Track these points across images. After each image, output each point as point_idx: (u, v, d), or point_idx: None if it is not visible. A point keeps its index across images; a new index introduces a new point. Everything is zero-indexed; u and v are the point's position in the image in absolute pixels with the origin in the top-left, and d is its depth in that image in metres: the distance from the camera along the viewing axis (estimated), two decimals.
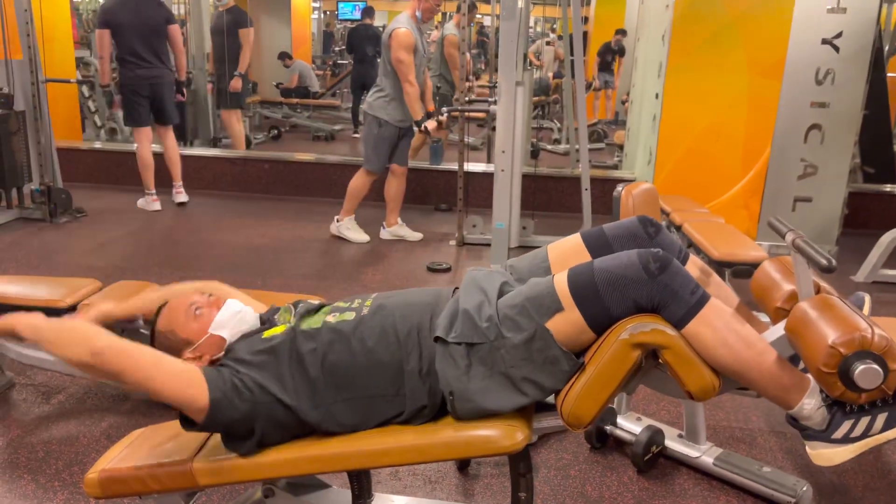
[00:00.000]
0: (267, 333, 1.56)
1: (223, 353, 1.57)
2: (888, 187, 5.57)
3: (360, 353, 1.44)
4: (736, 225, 3.86)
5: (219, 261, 4.27)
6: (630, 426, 2.38)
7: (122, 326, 2.13)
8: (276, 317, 1.65)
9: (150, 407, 2.58)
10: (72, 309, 2.46)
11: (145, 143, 5.22)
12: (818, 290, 1.42)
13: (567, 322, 1.34)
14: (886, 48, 6.09)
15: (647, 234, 1.53)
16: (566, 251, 1.56)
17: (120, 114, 6.25)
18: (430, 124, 4.44)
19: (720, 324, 1.29)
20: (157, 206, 5.32)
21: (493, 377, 1.38)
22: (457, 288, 1.56)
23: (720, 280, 1.58)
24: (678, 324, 1.30)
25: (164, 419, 1.90)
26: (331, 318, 1.52)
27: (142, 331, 2.61)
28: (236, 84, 6.61)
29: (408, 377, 1.43)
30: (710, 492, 2.18)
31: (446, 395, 1.41)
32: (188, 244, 4.61)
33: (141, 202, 5.37)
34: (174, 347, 1.59)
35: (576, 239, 1.58)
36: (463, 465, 2.27)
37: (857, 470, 2.30)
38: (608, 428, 2.40)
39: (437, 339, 1.42)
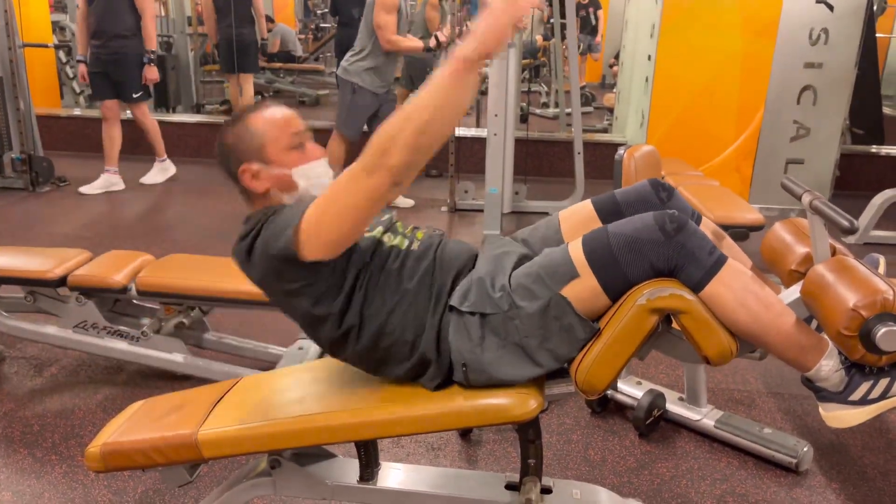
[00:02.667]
0: None
1: (283, 199, 1.49)
2: (876, 148, 5.58)
3: (398, 287, 1.41)
4: (729, 187, 3.85)
5: (206, 229, 4.20)
6: (631, 390, 2.38)
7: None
8: None
9: (146, 378, 2.55)
10: (62, 281, 2.40)
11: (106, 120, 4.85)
12: (833, 252, 1.40)
13: (583, 289, 1.32)
14: (875, 7, 6.04)
15: (659, 198, 1.50)
16: (578, 220, 1.53)
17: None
18: (440, 36, 4.38)
19: (738, 285, 1.27)
20: (119, 184, 4.95)
21: (506, 347, 1.36)
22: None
23: (732, 242, 1.56)
24: (696, 286, 1.27)
25: (161, 391, 1.87)
26: (386, 238, 1.48)
27: (135, 301, 2.57)
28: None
29: (427, 330, 1.40)
30: (712, 453, 2.20)
31: (458, 366, 1.38)
32: (175, 211, 4.53)
33: (102, 181, 4.91)
34: (242, 148, 1.48)
35: (587, 206, 1.55)
36: (465, 432, 2.26)
37: (856, 430, 2.32)
38: (609, 392, 2.40)
39: (451, 308, 1.39)
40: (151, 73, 4.77)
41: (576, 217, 1.55)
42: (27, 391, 2.45)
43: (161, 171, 5.20)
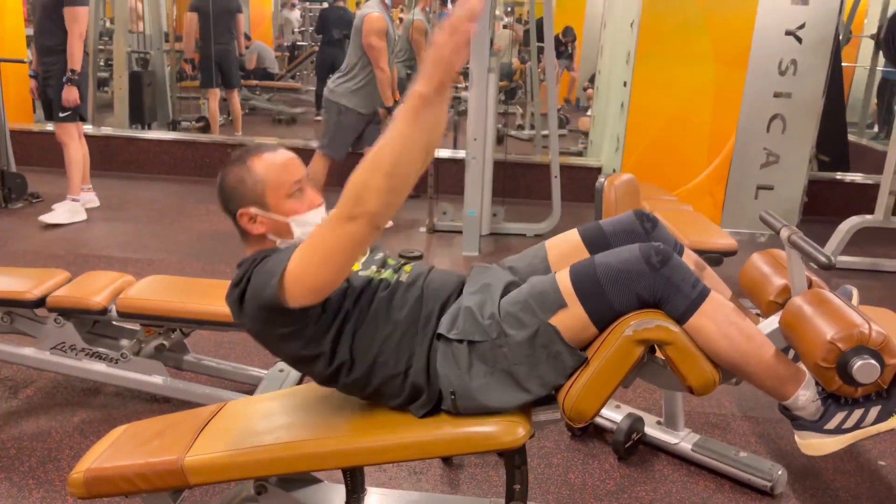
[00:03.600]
0: None
1: (276, 243, 1.51)
2: (841, 175, 5.75)
3: (388, 319, 1.44)
4: (702, 212, 3.93)
5: (184, 247, 4.17)
6: (610, 414, 2.41)
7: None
8: None
9: (124, 400, 2.52)
10: (40, 302, 2.38)
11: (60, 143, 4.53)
12: (810, 284, 1.45)
13: (570, 318, 1.35)
14: (840, 37, 6.25)
15: (643, 228, 1.54)
16: (566, 249, 1.57)
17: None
18: None
19: (721, 317, 1.31)
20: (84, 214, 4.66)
21: (494, 374, 1.38)
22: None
23: (713, 273, 1.61)
24: (680, 318, 1.31)
25: (139, 413, 1.86)
26: (376, 274, 1.51)
27: (114, 322, 2.55)
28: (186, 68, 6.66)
29: (416, 360, 1.42)
30: (689, 477, 2.24)
31: (447, 394, 1.41)
32: (151, 230, 4.49)
33: (66, 213, 4.54)
34: (243, 191, 1.49)
35: (574, 235, 1.59)
36: (447, 457, 2.28)
37: (828, 454, 2.37)
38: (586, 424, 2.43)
39: (439, 336, 1.41)
40: (69, 94, 4.29)
41: (563, 246, 1.59)
42: (2, 413, 2.41)
43: (69, 212, 4.53)
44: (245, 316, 1.45)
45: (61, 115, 4.39)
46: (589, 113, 7.10)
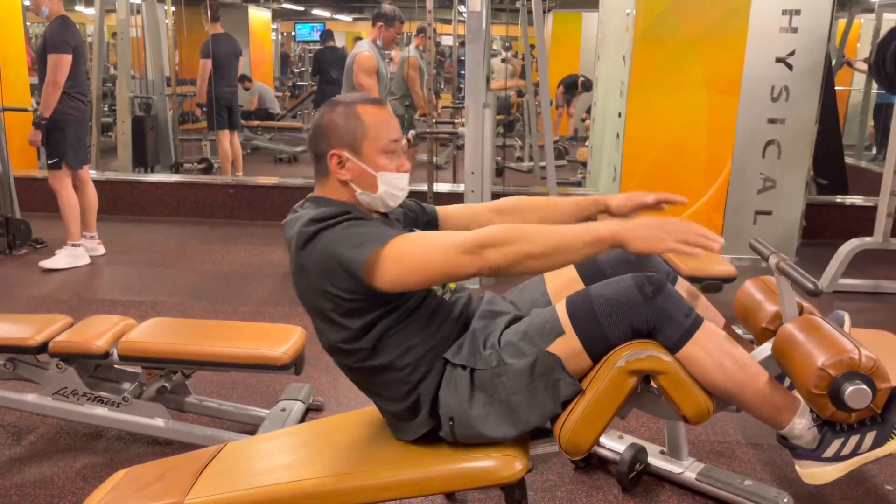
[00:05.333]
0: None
1: (357, 194, 1.50)
2: (841, 198, 5.77)
3: (424, 329, 1.46)
4: None
5: (187, 288, 4.20)
6: (613, 444, 2.40)
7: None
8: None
9: (126, 444, 2.52)
10: (42, 347, 2.39)
11: (72, 187, 4.59)
12: (801, 311, 1.46)
13: (566, 347, 1.37)
14: (833, 62, 6.32)
15: (637, 257, 1.56)
16: (563, 281, 1.59)
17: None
18: (409, 139, 4.46)
19: (714, 346, 1.32)
20: (87, 257, 4.67)
21: (493, 404, 1.39)
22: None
23: (707, 302, 1.62)
24: (674, 347, 1.32)
25: (141, 457, 1.86)
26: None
27: (115, 366, 2.56)
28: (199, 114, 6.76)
29: (431, 377, 1.45)
30: None
31: (445, 420, 1.42)
32: (154, 273, 4.52)
33: (67, 258, 4.56)
34: (340, 132, 1.48)
35: (570, 268, 1.61)
36: (450, 492, 2.26)
37: (836, 481, 2.35)
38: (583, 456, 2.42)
39: (444, 360, 1.43)
40: (33, 137, 4.35)
41: (560, 279, 1.61)
42: (5, 460, 2.41)
43: (69, 257, 4.56)
44: (306, 254, 1.42)
45: (48, 161, 4.46)
46: (587, 143, 7.17)
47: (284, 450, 1.72)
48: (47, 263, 4.51)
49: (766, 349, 1.43)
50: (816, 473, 1.34)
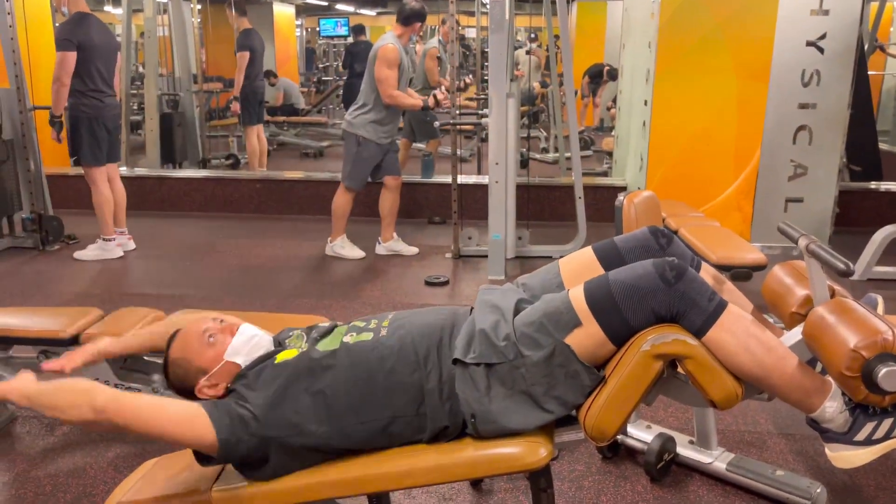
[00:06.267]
0: (280, 357, 1.54)
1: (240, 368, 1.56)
2: (875, 185, 5.64)
3: (379, 374, 1.43)
4: (729, 227, 3.89)
5: (215, 282, 4.25)
6: (641, 434, 2.38)
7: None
8: (286, 340, 1.63)
9: None
10: (74, 339, 2.43)
11: (105, 183, 4.67)
12: (832, 294, 1.43)
13: (586, 336, 1.35)
14: (866, 46, 6.17)
15: (658, 244, 1.53)
16: (579, 266, 1.56)
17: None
18: (438, 94, 4.45)
19: (740, 330, 1.29)
20: (120, 251, 4.77)
21: (513, 396, 1.38)
22: (472, 308, 1.56)
23: (733, 287, 1.59)
24: (698, 332, 1.30)
25: (170, 449, 1.87)
26: (348, 339, 1.51)
27: (145, 357, 2.59)
28: (234, 107, 6.73)
29: (428, 397, 1.42)
30: (725, 497, 2.18)
31: (468, 417, 1.40)
32: (183, 267, 4.58)
33: (97, 250, 4.71)
34: (188, 376, 1.58)
35: (587, 253, 1.58)
36: (476, 482, 2.26)
37: (869, 470, 2.31)
38: (619, 437, 2.40)
39: (455, 360, 1.41)
40: (52, 135, 4.55)
41: (576, 263, 1.58)
42: (39, 451, 2.46)
43: (100, 250, 4.67)
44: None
45: (71, 159, 4.58)
46: (613, 133, 7.09)
47: None
48: (79, 254, 4.66)
49: (796, 333, 1.40)
50: (847, 457, 1.31)
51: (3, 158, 4.71)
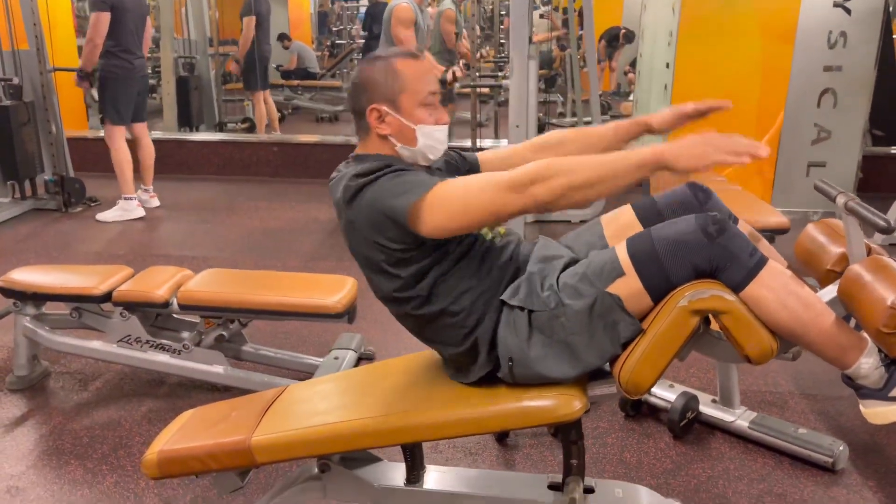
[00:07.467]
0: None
1: (398, 148, 1.52)
2: None
3: (475, 274, 1.47)
4: (751, 192, 3.87)
5: (236, 244, 4.28)
6: (663, 393, 2.41)
7: None
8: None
9: (187, 390, 2.61)
10: (106, 297, 2.48)
11: (124, 142, 4.74)
12: (869, 252, 1.43)
13: (627, 288, 1.37)
14: (892, 7, 6.04)
15: (697, 200, 1.54)
16: (621, 224, 1.58)
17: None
18: (456, 71, 4.43)
19: (779, 285, 1.31)
20: (141, 210, 4.84)
21: (552, 345, 1.40)
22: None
23: (768, 245, 1.60)
24: (737, 287, 1.31)
25: (202, 402, 1.92)
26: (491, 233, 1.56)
27: (174, 315, 2.63)
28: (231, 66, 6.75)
29: (487, 320, 1.46)
30: (747, 454, 2.22)
31: (504, 360, 1.44)
32: (204, 229, 4.62)
33: (118, 210, 4.77)
34: (379, 87, 1.49)
35: (627, 211, 1.60)
36: (502, 437, 2.30)
37: (891, 430, 2.33)
38: (642, 396, 2.43)
39: (501, 302, 1.44)
40: (77, 83, 4.71)
41: (618, 222, 1.60)
42: (74, 405, 2.52)
43: (121, 210, 4.74)
44: (356, 208, 1.44)
45: (101, 116, 4.68)
46: (631, 97, 7.01)
47: (343, 391, 1.77)
48: (101, 216, 4.72)
49: (831, 291, 1.41)
50: (882, 413, 1.33)
51: (25, 120, 4.73)
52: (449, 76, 4.42)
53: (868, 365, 1.34)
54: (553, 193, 1.27)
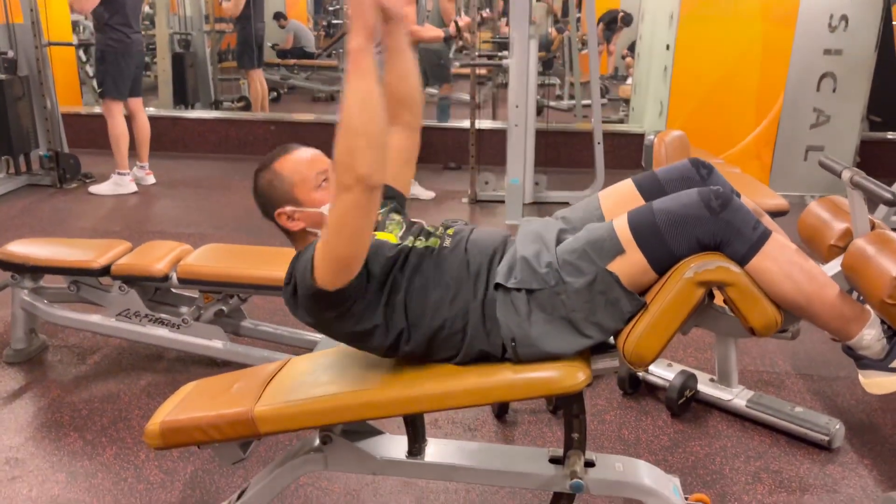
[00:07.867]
0: (378, 235, 1.54)
1: (316, 234, 1.55)
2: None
3: (439, 282, 1.46)
4: (750, 174, 3.88)
5: (231, 221, 4.27)
6: (662, 372, 2.42)
7: None
8: (387, 222, 1.64)
9: (186, 364, 2.61)
10: (105, 270, 2.47)
11: (122, 116, 4.75)
12: (872, 226, 1.44)
13: (629, 264, 1.36)
14: None
15: (700, 175, 1.54)
16: (620, 198, 1.57)
17: None
18: (459, 21, 4.39)
19: (783, 258, 1.31)
20: (134, 186, 4.84)
21: (553, 322, 1.40)
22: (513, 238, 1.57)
23: (771, 220, 1.60)
24: (742, 260, 1.32)
25: (202, 376, 1.92)
26: (418, 242, 1.54)
27: (173, 290, 2.63)
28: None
29: (472, 315, 1.44)
30: (744, 432, 2.24)
31: (507, 342, 1.43)
32: (200, 206, 4.60)
33: (112, 185, 4.79)
34: (277, 196, 1.56)
35: (628, 185, 1.59)
36: (501, 413, 2.31)
37: (886, 409, 2.36)
38: (640, 374, 2.44)
39: (497, 285, 1.43)
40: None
41: (616, 195, 1.59)
42: (72, 378, 2.52)
43: (114, 185, 4.76)
44: (300, 309, 1.49)
45: (98, 90, 4.68)
46: (629, 81, 7.00)
47: (347, 364, 1.76)
48: (94, 188, 4.75)
49: (834, 265, 1.42)
50: (881, 383, 1.34)
51: (19, 95, 4.68)
52: (451, 29, 4.38)
53: (871, 336, 1.35)
54: (361, 153, 1.26)
